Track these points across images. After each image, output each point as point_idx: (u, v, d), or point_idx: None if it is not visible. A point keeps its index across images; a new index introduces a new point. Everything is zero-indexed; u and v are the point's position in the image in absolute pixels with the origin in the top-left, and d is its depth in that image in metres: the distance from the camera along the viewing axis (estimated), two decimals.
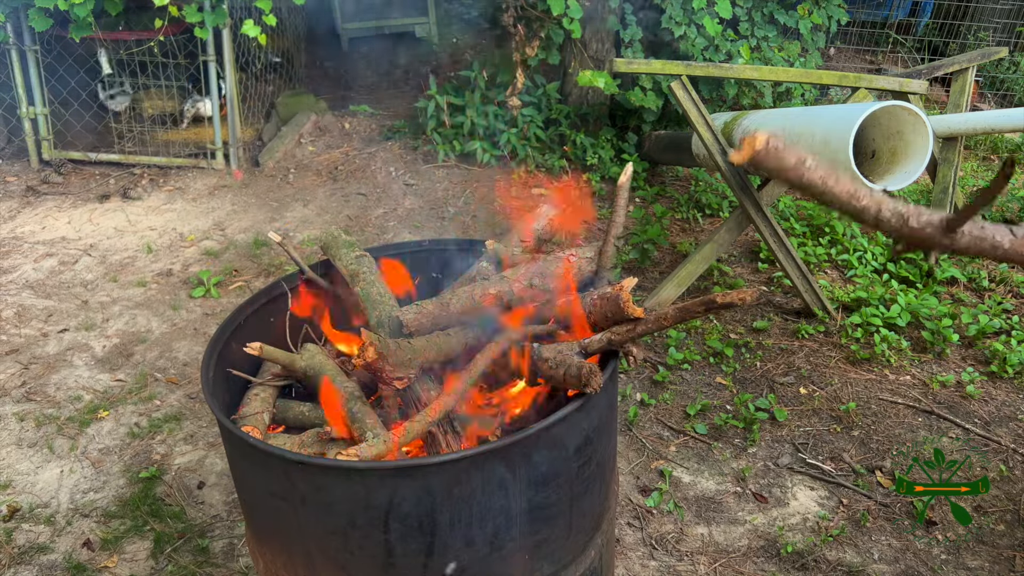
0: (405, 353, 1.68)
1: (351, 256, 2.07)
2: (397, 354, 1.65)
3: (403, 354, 1.67)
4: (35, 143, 5.07)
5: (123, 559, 2.46)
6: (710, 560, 2.46)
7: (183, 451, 2.90)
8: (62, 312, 3.72)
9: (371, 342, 1.60)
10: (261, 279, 3.96)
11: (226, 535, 2.54)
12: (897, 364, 3.33)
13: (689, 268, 3.65)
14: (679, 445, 2.95)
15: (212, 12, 4.62)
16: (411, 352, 1.70)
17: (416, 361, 1.70)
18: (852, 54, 6.78)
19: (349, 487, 1.48)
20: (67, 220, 4.56)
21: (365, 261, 2.06)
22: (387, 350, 1.63)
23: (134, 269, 4.08)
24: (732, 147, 3.55)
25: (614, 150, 5.07)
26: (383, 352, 1.61)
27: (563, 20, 4.53)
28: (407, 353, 1.68)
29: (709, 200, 4.67)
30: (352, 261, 2.06)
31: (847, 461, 2.85)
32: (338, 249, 2.11)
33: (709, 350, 3.44)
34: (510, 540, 1.58)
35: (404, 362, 1.67)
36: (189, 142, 5.24)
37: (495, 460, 1.49)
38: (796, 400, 3.16)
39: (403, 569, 1.54)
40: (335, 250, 2.12)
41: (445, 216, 4.62)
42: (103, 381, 3.27)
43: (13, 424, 3.03)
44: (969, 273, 3.90)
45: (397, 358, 1.65)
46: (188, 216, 4.63)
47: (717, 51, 4.90)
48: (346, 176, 5.12)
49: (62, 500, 2.69)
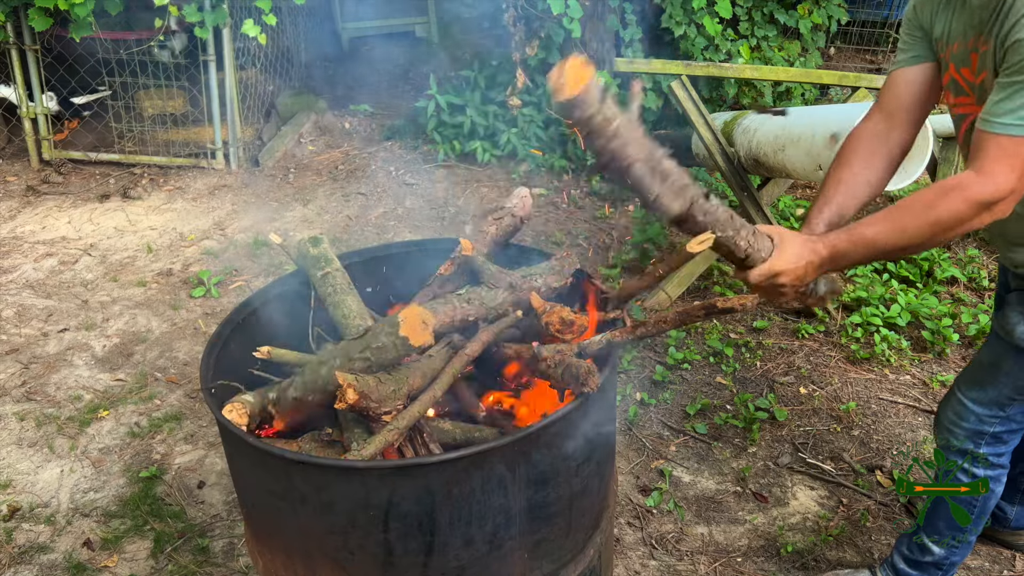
0: (388, 386, 1.59)
1: (317, 275, 1.99)
2: (379, 389, 1.56)
3: (386, 388, 1.58)
4: (35, 143, 5.07)
5: (123, 559, 2.46)
6: (710, 560, 2.46)
7: (183, 451, 2.90)
8: (62, 312, 3.72)
9: (348, 383, 1.50)
10: (261, 279, 3.96)
11: (226, 535, 2.54)
12: (897, 364, 3.33)
13: (689, 268, 3.65)
14: (679, 445, 2.95)
15: (212, 12, 4.62)
16: (394, 383, 1.60)
17: (402, 391, 1.61)
18: (852, 54, 6.78)
19: (349, 486, 1.48)
20: (67, 220, 4.56)
21: (330, 279, 1.98)
22: (367, 388, 1.54)
23: (134, 269, 4.08)
24: (732, 147, 3.55)
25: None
26: (363, 391, 1.52)
27: (563, 20, 4.53)
28: (390, 386, 1.59)
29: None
30: (319, 281, 1.98)
31: (847, 461, 2.85)
32: (307, 267, 2.03)
33: (709, 350, 3.44)
34: (509, 539, 1.58)
35: (389, 395, 1.58)
36: (189, 142, 5.24)
37: (494, 459, 1.49)
38: (796, 400, 3.15)
39: (403, 568, 1.54)
40: (306, 267, 2.04)
41: (445, 216, 4.62)
42: (103, 381, 3.27)
43: (13, 424, 3.03)
44: (969, 273, 3.90)
45: (380, 393, 1.56)
46: (188, 216, 4.63)
47: (717, 51, 4.90)
48: (346, 176, 5.12)
49: (62, 500, 2.69)
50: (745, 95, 5.08)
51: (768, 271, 1.52)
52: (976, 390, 1.93)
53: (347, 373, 1.54)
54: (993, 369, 1.88)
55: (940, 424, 2.03)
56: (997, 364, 1.87)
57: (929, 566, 2.13)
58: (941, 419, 2.03)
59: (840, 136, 2.92)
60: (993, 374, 1.88)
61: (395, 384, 1.61)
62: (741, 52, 4.91)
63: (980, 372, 1.93)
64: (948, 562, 2.11)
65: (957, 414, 1.97)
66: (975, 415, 1.93)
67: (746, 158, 3.43)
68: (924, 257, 3.95)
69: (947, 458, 2.01)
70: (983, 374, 1.92)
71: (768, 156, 3.28)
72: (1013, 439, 1.96)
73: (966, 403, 1.94)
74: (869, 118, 1.85)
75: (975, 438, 1.94)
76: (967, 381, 1.97)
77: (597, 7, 4.86)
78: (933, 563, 2.12)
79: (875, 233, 1.53)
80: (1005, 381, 1.86)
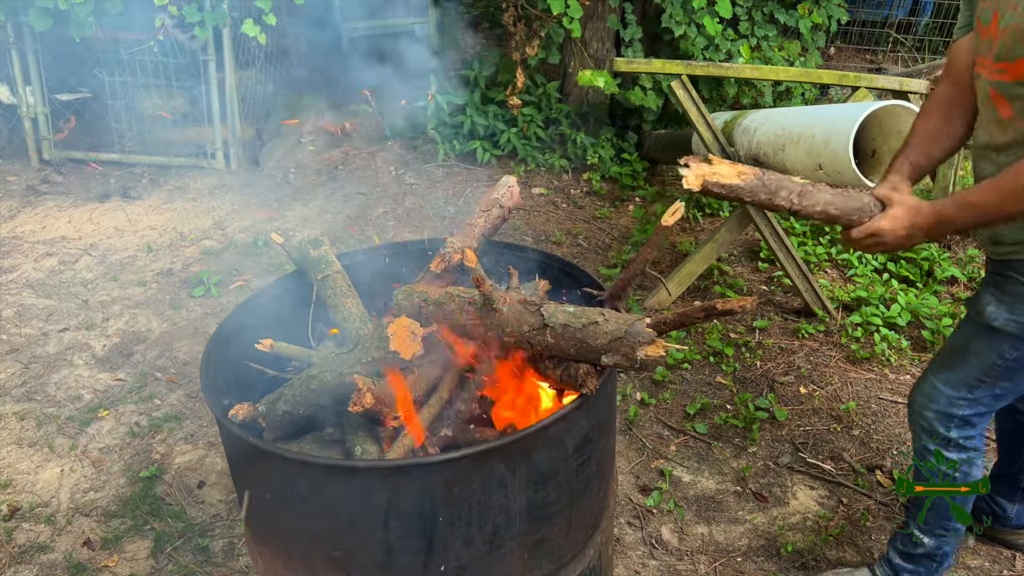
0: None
1: (317, 278, 2.01)
2: (391, 394, 1.62)
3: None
4: (35, 142, 5.07)
5: (123, 558, 2.46)
6: (710, 559, 2.46)
7: (183, 450, 2.90)
8: (62, 311, 3.72)
9: (367, 388, 1.56)
10: (261, 279, 3.96)
11: (226, 534, 2.54)
12: (897, 363, 3.33)
13: (689, 268, 3.66)
14: (679, 444, 2.95)
15: (212, 12, 4.62)
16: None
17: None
18: (852, 53, 6.78)
19: (349, 486, 1.48)
20: (67, 219, 4.56)
21: (329, 282, 1.99)
22: (383, 392, 1.60)
23: (134, 268, 4.08)
24: (732, 146, 3.55)
25: (614, 149, 5.07)
26: (380, 396, 1.58)
27: (563, 19, 4.53)
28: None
29: (709, 200, 4.67)
30: (319, 283, 2.00)
31: (847, 460, 2.85)
32: (308, 269, 2.04)
33: (709, 349, 3.44)
34: (509, 539, 1.58)
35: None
36: (189, 142, 5.24)
37: (495, 459, 1.49)
38: (796, 399, 3.16)
39: (403, 568, 1.54)
40: (306, 269, 2.05)
41: (445, 215, 4.62)
42: (103, 380, 3.27)
43: (13, 423, 3.03)
44: (969, 272, 3.90)
45: (392, 398, 1.62)
46: (188, 215, 4.63)
47: (717, 50, 4.90)
48: (346, 176, 5.12)
49: (62, 499, 2.69)
50: (745, 95, 5.08)
51: (867, 230, 1.72)
52: (946, 372, 1.97)
53: (365, 377, 1.58)
54: (963, 351, 1.93)
55: (911, 407, 2.08)
56: (967, 345, 1.92)
57: (922, 558, 2.16)
58: (912, 402, 2.08)
59: (830, 139, 2.94)
60: (963, 355, 1.93)
61: None
62: (741, 52, 4.91)
63: (950, 354, 1.98)
64: (940, 552, 2.15)
65: (927, 396, 2.01)
66: (945, 397, 1.97)
67: (746, 158, 3.43)
68: (924, 257, 3.95)
69: (918, 445, 2.07)
70: (953, 356, 1.97)
71: (768, 156, 3.28)
72: (982, 422, 2.00)
73: (936, 384, 1.99)
74: (940, 85, 1.94)
75: (945, 421, 1.98)
76: (938, 364, 2.02)
77: (597, 6, 4.86)
78: (926, 555, 2.15)
79: (979, 198, 1.65)
80: (974, 362, 1.90)
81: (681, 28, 4.79)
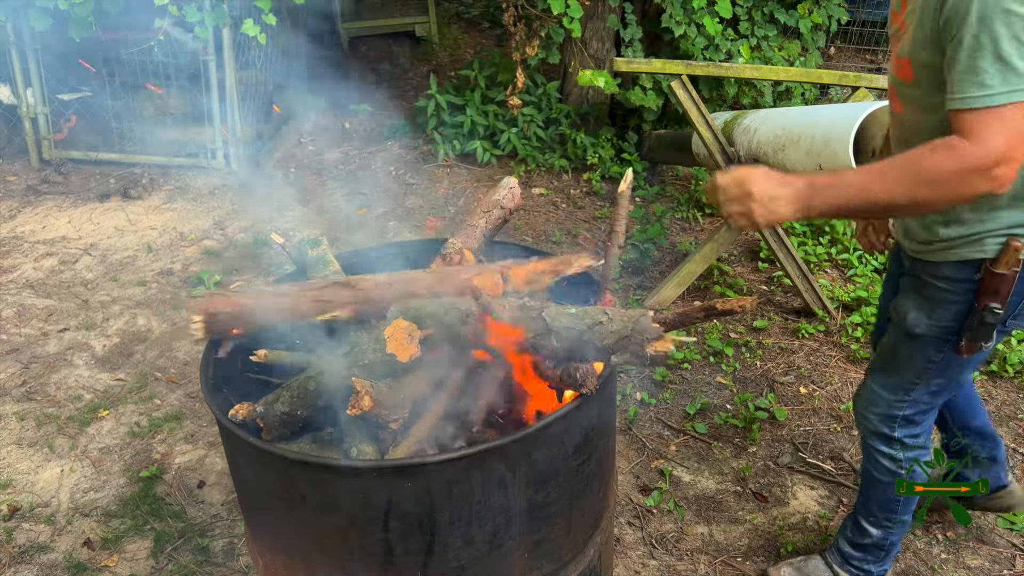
0: (398, 394, 1.63)
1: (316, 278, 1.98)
2: (390, 396, 1.61)
3: (396, 395, 1.62)
4: (35, 142, 5.07)
5: (123, 558, 2.46)
6: (710, 559, 2.47)
7: (183, 450, 2.90)
8: (62, 311, 3.72)
9: (365, 390, 1.55)
10: (261, 279, 3.96)
11: (226, 534, 2.54)
12: None
13: (689, 267, 3.66)
14: (679, 444, 2.95)
15: (212, 11, 4.61)
16: (403, 391, 1.64)
17: (409, 400, 1.65)
18: (852, 53, 6.78)
19: (349, 486, 1.48)
20: (67, 219, 4.56)
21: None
22: (381, 395, 1.58)
23: (134, 268, 4.08)
24: (732, 147, 3.55)
25: (614, 149, 5.07)
26: (378, 398, 1.56)
27: (563, 19, 4.52)
28: (400, 393, 1.63)
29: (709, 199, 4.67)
30: None
31: (847, 460, 2.85)
32: (307, 269, 2.03)
33: (709, 349, 3.44)
34: (509, 538, 1.58)
35: (399, 403, 1.62)
36: (189, 141, 5.23)
37: (494, 459, 1.49)
38: (796, 399, 3.16)
39: (403, 568, 1.54)
40: (305, 269, 2.04)
41: (445, 216, 4.62)
42: (103, 380, 3.27)
43: (13, 423, 3.03)
44: None
45: (391, 400, 1.60)
46: (188, 215, 4.63)
47: (717, 50, 4.90)
48: (346, 176, 5.12)
49: (62, 499, 2.69)
50: (745, 95, 5.08)
51: (742, 174, 1.56)
52: (883, 376, 1.98)
53: (364, 380, 1.57)
54: (893, 355, 1.93)
55: (855, 409, 2.09)
56: (896, 350, 1.92)
57: (871, 547, 2.19)
58: (856, 405, 2.09)
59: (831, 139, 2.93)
60: (894, 360, 1.93)
61: (404, 392, 1.63)
62: (741, 52, 4.91)
63: (884, 359, 1.99)
64: (887, 542, 2.17)
65: (869, 400, 2.03)
66: (884, 400, 1.98)
67: (746, 158, 3.43)
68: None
69: (866, 443, 2.08)
70: (885, 361, 1.98)
71: (768, 156, 3.28)
72: (925, 419, 2.00)
73: (875, 389, 2.00)
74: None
75: (888, 422, 2.00)
76: (875, 368, 2.02)
77: (597, 7, 4.86)
78: (873, 544, 2.18)
79: (857, 176, 1.53)
80: (906, 366, 1.91)
81: (681, 28, 4.79)
